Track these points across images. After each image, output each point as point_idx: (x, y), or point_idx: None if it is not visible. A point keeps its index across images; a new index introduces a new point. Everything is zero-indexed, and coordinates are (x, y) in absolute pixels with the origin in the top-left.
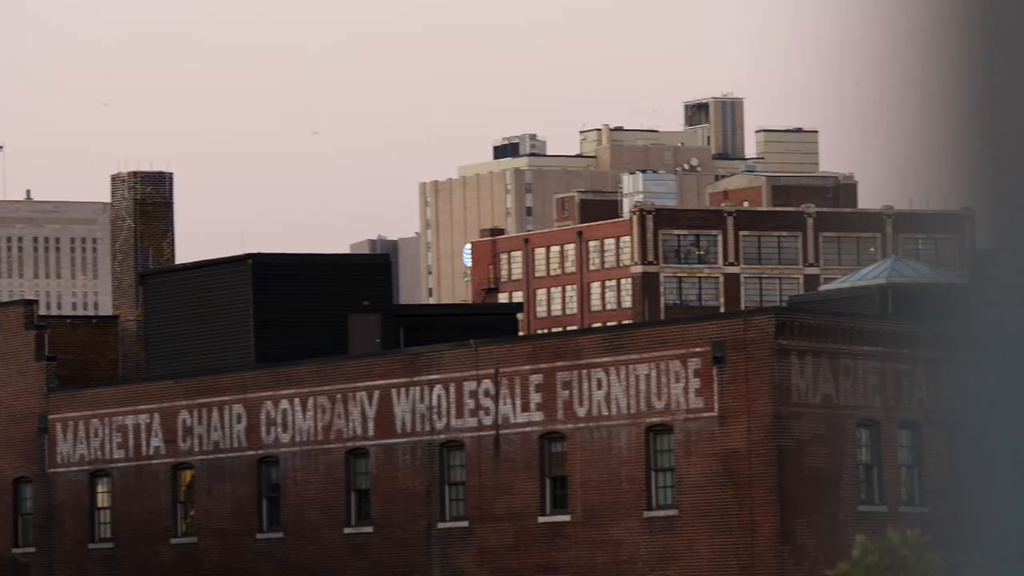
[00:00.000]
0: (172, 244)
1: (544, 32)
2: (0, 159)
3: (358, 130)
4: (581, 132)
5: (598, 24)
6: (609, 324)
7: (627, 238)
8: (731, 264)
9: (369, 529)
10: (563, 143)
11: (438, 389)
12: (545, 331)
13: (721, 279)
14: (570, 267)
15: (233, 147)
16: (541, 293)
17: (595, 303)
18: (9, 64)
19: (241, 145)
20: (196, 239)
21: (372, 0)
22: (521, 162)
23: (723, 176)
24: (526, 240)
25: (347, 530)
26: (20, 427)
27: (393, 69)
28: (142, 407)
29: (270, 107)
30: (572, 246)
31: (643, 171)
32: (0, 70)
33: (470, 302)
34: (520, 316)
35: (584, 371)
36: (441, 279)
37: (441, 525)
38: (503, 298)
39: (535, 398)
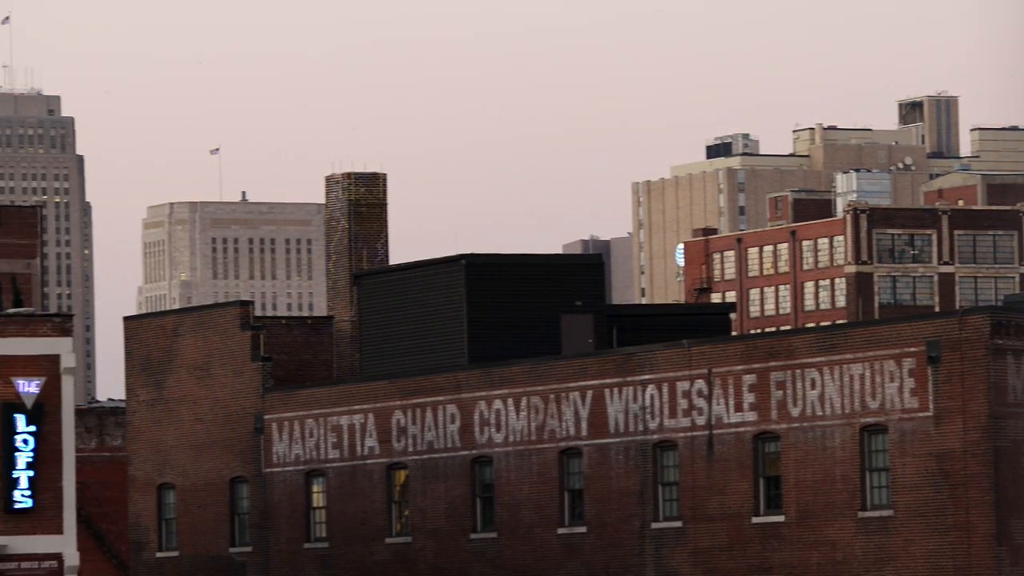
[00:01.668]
0: (386, 244)
1: (757, 32)
2: (216, 161)
3: (571, 130)
4: (794, 131)
5: (811, 23)
6: (823, 324)
7: (841, 237)
8: (946, 263)
9: (583, 529)
10: (776, 142)
11: (651, 389)
12: (758, 331)
13: (936, 278)
14: (783, 266)
15: (447, 148)
16: (754, 293)
17: (808, 303)
18: (225, 70)
19: (455, 146)
20: (409, 239)
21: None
22: (734, 161)
23: (937, 175)
24: (739, 240)
25: (560, 530)
26: (236, 427)
27: (606, 70)
28: (356, 407)
29: (485, 108)
30: (785, 245)
31: (857, 170)
32: (216, 76)
33: (683, 302)
34: (733, 316)
35: (798, 371)
36: (654, 279)
37: (655, 525)
38: (716, 298)
39: (748, 398)
